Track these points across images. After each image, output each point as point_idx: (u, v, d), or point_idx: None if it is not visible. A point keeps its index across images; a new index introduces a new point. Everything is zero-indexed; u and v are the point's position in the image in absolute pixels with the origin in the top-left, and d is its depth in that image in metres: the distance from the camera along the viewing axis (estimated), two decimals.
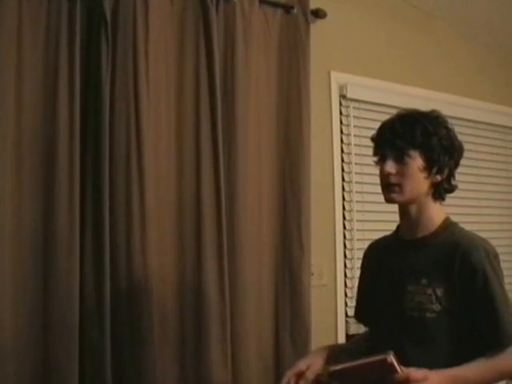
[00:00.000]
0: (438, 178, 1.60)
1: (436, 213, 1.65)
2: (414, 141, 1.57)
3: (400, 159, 1.58)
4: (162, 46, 2.26)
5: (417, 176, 1.58)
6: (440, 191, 1.63)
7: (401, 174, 1.58)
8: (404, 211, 1.66)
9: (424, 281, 1.58)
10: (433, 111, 1.65)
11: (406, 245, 1.68)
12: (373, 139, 1.67)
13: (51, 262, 1.98)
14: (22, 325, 1.93)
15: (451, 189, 1.65)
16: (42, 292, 1.97)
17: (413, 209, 1.64)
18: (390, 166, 1.59)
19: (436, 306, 1.55)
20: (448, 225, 1.65)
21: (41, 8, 2.03)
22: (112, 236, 2.07)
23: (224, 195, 2.30)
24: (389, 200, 1.63)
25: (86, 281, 2.02)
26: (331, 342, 2.73)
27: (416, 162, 1.57)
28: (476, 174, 3.42)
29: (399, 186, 1.59)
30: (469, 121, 3.38)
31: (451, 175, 1.63)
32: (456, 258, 1.56)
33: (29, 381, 1.93)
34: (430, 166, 1.58)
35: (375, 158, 1.66)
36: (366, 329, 1.91)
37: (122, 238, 2.10)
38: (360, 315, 1.90)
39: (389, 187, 1.61)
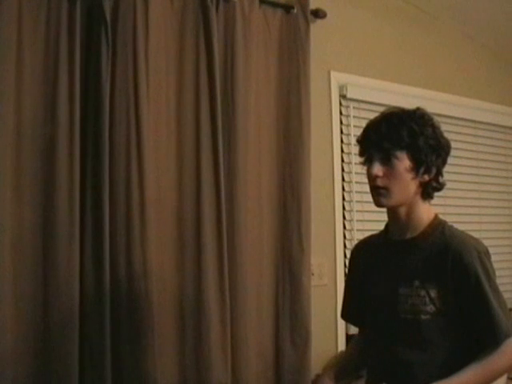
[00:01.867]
0: (426, 177, 1.60)
1: (425, 212, 1.64)
2: (401, 142, 1.56)
3: (387, 161, 1.57)
4: (162, 45, 2.26)
5: (404, 177, 1.57)
6: (428, 190, 1.62)
7: (388, 176, 1.57)
8: (393, 212, 1.66)
9: (417, 282, 1.58)
10: (418, 109, 1.63)
11: (396, 246, 1.67)
12: (358, 140, 1.67)
13: (51, 262, 1.97)
14: (21, 324, 1.93)
15: (439, 187, 1.64)
16: (42, 291, 1.97)
17: (402, 210, 1.63)
18: (377, 169, 1.58)
19: (430, 308, 1.55)
20: (437, 224, 1.65)
21: (41, 8, 2.03)
22: (112, 235, 2.07)
23: (224, 195, 2.30)
24: (378, 204, 1.62)
25: (86, 280, 2.02)
26: (331, 342, 2.74)
27: (403, 163, 1.56)
28: (476, 174, 3.42)
29: (386, 189, 1.58)
30: (469, 121, 3.38)
31: (439, 173, 1.62)
32: (448, 258, 1.56)
33: (29, 380, 1.93)
34: (417, 167, 1.57)
35: (361, 159, 1.66)
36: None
37: (122, 238, 2.10)
38: (348, 315, 1.90)
39: (376, 190, 1.60)
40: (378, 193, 1.60)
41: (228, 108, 2.38)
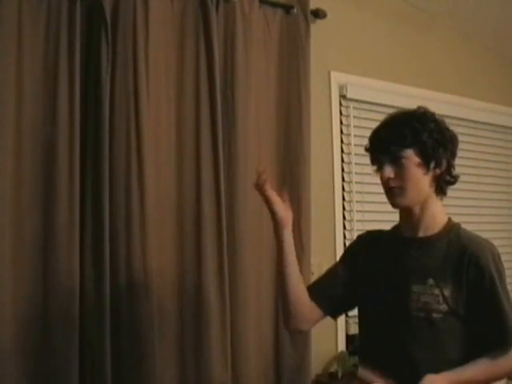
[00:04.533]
0: (438, 171, 1.60)
1: (439, 212, 1.65)
2: (405, 141, 1.57)
3: (396, 162, 1.58)
4: (162, 45, 2.26)
5: (415, 174, 1.58)
6: (442, 184, 1.63)
7: (400, 176, 1.58)
8: (407, 210, 1.65)
9: (430, 281, 1.58)
10: (419, 108, 1.65)
11: (408, 243, 1.67)
12: (367, 149, 1.68)
13: (51, 262, 1.98)
14: (22, 324, 1.93)
15: (453, 180, 1.65)
16: (42, 292, 1.97)
17: (416, 207, 1.63)
18: (389, 171, 1.59)
19: (443, 307, 1.55)
20: (452, 226, 1.66)
21: (41, 8, 2.03)
22: (112, 236, 2.07)
23: (224, 195, 2.30)
24: (394, 205, 1.63)
25: (86, 281, 2.02)
26: (331, 342, 2.74)
27: (412, 160, 1.57)
28: (476, 173, 3.42)
29: (400, 188, 1.59)
30: (469, 121, 3.38)
31: (451, 166, 1.63)
32: (464, 260, 1.57)
33: (29, 380, 1.93)
34: (426, 161, 1.58)
35: (374, 167, 1.66)
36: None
37: (122, 238, 2.10)
38: (318, 295, 1.74)
39: (391, 191, 1.61)
40: (393, 193, 1.61)
41: (228, 108, 2.38)
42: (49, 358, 1.95)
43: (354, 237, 2.81)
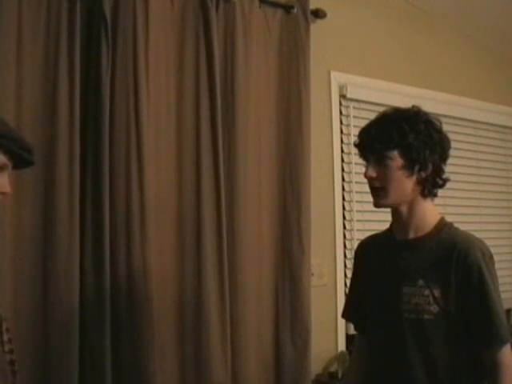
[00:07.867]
0: (423, 174, 1.59)
1: (429, 212, 1.64)
2: (391, 142, 1.56)
3: (380, 162, 1.58)
4: (162, 45, 2.26)
5: (398, 176, 1.57)
6: (428, 187, 1.61)
7: (383, 176, 1.58)
8: (395, 211, 1.66)
9: (420, 282, 1.57)
10: (412, 107, 1.63)
11: (400, 245, 1.67)
12: (355, 144, 1.68)
13: (51, 262, 1.98)
14: (22, 325, 1.93)
15: (441, 183, 1.63)
16: (42, 292, 1.97)
17: (403, 209, 1.63)
18: (371, 171, 1.59)
19: (434, 308, 1.55)
20: (443, 225, 1.64)
21: (41, 8, 2.03)
22: (112, 236, 2.07)
23: (224, 196, 2.30)
24: (376, 205, 1.63)
25: (86, 281, 2.02)
26: (331, 342, 2.74)
27: (396, 162, 1.56)
28: (476, 174, 3.42)
29: (383, 189, 1.59)
30: (469, 121, 3.38)
31: (439, 169, 1.61)
32: (453, 258, 1.56)
33: (29, 381, 1.93)
34: (410, 164, 1.57)
35: (363, 161, 1.66)
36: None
37: (122, 238, 2.10)
38: (350, 315, 1.89)
39: (374, 191, 1.61)
40: (376, 194, 1.61)
41: (228, 108, 2.38)
42: (49, 358, 1.95)
43: (354, 237, 2.83)
